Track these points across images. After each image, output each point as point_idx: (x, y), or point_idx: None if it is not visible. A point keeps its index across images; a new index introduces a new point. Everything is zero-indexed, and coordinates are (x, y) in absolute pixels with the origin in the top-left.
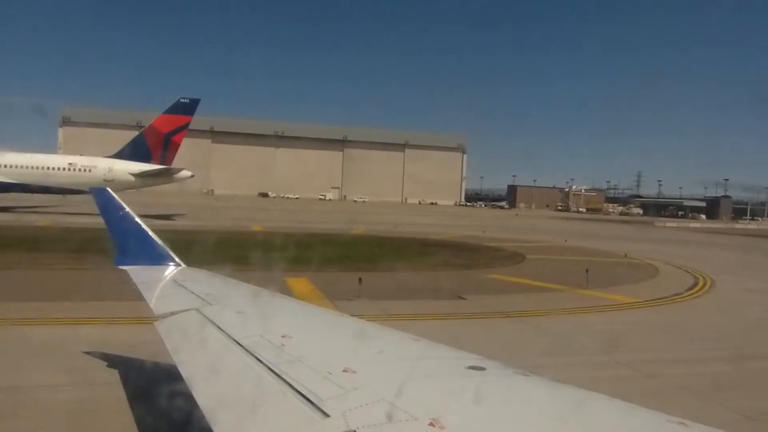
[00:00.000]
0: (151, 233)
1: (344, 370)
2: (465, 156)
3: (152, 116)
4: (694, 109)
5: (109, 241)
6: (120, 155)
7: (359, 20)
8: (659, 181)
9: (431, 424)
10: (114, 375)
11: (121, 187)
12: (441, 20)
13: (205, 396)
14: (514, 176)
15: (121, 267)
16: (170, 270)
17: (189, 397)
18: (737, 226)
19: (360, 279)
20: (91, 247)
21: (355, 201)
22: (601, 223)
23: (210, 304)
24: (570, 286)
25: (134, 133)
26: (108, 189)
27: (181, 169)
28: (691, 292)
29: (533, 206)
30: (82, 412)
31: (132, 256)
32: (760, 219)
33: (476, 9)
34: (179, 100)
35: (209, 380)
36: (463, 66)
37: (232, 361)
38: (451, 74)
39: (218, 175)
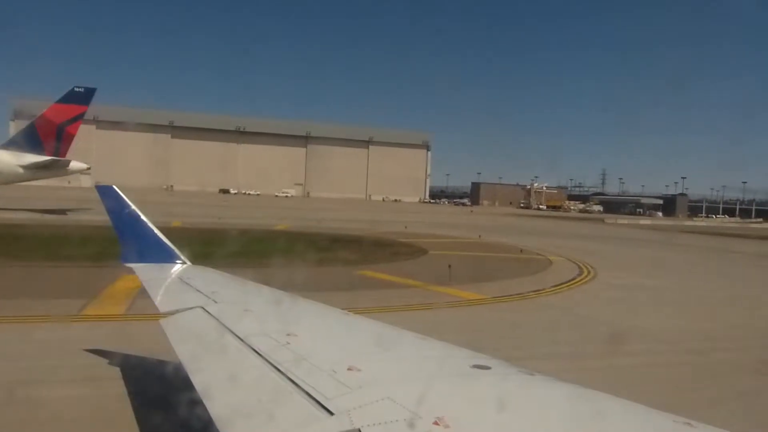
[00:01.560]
0: (157, 231)
1: (349, 369)
2: (429, 153)
3: (110, 109)
4: (658, 109)
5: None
6: (9, 145)
7: (323, 15)
8: (620, 179)
9: (436, 423)
10: (117, 372)
11: (9, 179)
12: (406, 16)
13: (209, 393)
14: (479, 173)
15: (127, 265)
16: (176, 268)
17: (193, 394)
18: (687, 223)
19: None
20: None
21: (310, 196)
22: (551, 219)
23: (215, 301)
24: (431, 282)
25: (91, 128)
26: (114, 187)
27: (70, 161)
28: (555, 288)
29: (497, 203)
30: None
31: (138, 254)
32: (714, 216)
33: (441, 5)
34: (73, 89)
35: (214, 378)
36: (429, 63)
37: (236, 358)
38: (416, 71)
39: (179, 171)
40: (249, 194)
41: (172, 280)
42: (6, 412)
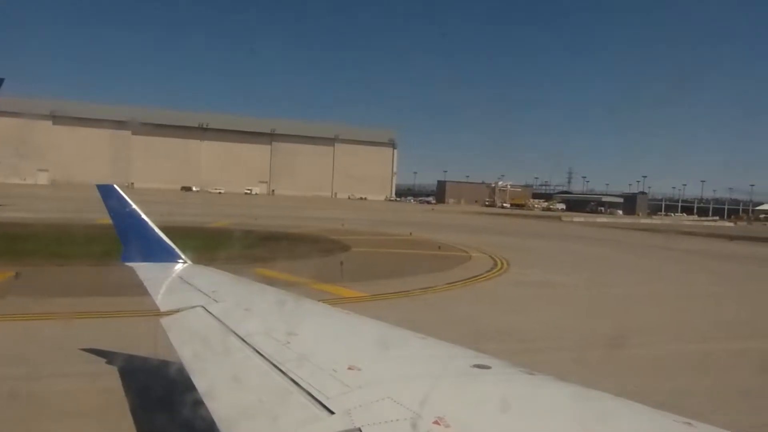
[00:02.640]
0: (157, 230)
1: (349, 368)
2: (396, 151)
3: (67, 105)
4: (622, 109)
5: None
6: None
7: (287, 11)
8: (584, 177)
9: (436, 423)
10: (114, 371)
11: None
12: (370, 13)
13: (210, 392)
14: (445, 172)
15: (127, 264)
16: (177, 267)
17: (194, 393)
18: (643, 221)
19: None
20: None
21: (275, 194)
22: (509, 217)
23: (216, 301)
24: (321, 280)
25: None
26: (114, 185)
27: None
28: (452, 284)
29: (462, 202)
30: None
31: (138, 253)
32: (673, 214)
33: (407, 2)
34: None
35: (214, 376)
36: (396, 61)
37: (236, 357)
38: (383, 69)
39: (140, 169)
40: (212, 192)
41: (173, 279)
42: None
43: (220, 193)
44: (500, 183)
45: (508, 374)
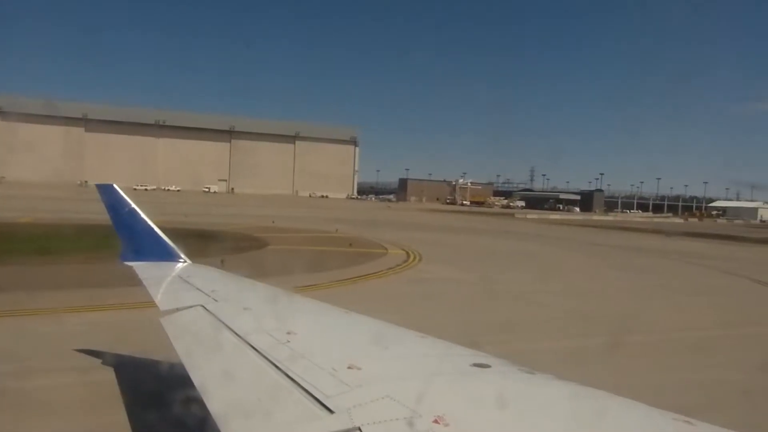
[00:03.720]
0: (156, 229)
1: (349, 367)
2: (357, 149)
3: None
4: (583, 108)
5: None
6: None
7: (246, 7)
8: (544, 175)
9: (436, 421)
10: (111, 370)
11: None
12: (332, 10)
13: (209, 391)
14: (407, 170)
15: (126, 263)
16: (176, 266)
17: (193, 392)
18: (595, 217)
19: None
20: None
21: (234, 192)
22: (463, 215)
23: (215, 300)
24: None
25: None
26: (113, 185)
27: None
28: (343, 281)
29: (424, 199)
30: None
31: (138, 252)
32: (628, 211)
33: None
34: None
35: (213, 375)
36: (360, 59)
37: (236, 356)
38: (346, 67)
39: (94, 166)
40: (169, 190)
41: (172, 278)
42: None
43: (178, 191)
44: (461, 181)
45: (508, 373)
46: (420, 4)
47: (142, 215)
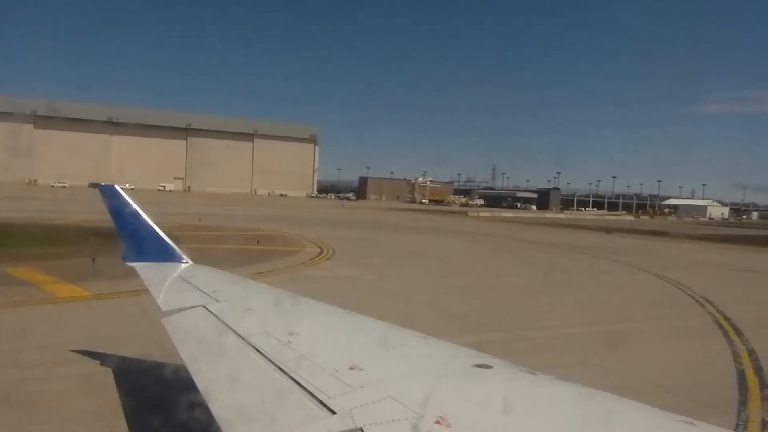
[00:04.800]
0: (158, 230)
1: (351, 368)
2: (317, 147)
3: None
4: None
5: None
6: None
7: (206, 4)
8: (503, 173)
9: (437, 422)
10: (114, 371)
11: None
12: (290, 6)
13: (211, 392)
14: (368, 168)
15: (128, 264)
16: (178, 267)
17: (195, 392)
18: (548, 215)
19: None
20: None
21: (191, 191)
22: (415, 213)
23: (217, 300)
24: (66, 277)
25: None
26: (115, 185)
27: None
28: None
29: (383, 198)
30: None
31: (139, 253)
32: (584, 209)
33: None
34: None
35: (215, 376)
36: (320, 57)
37: (238, 357)
38: (306, 65)
39: (45, 164)
40: (122, 189)
41: (173, 278)
42: None
43: (132, 189)
44: (420, 180)
45: (510, 374)
46: (377, 2)
47: (144, 216)
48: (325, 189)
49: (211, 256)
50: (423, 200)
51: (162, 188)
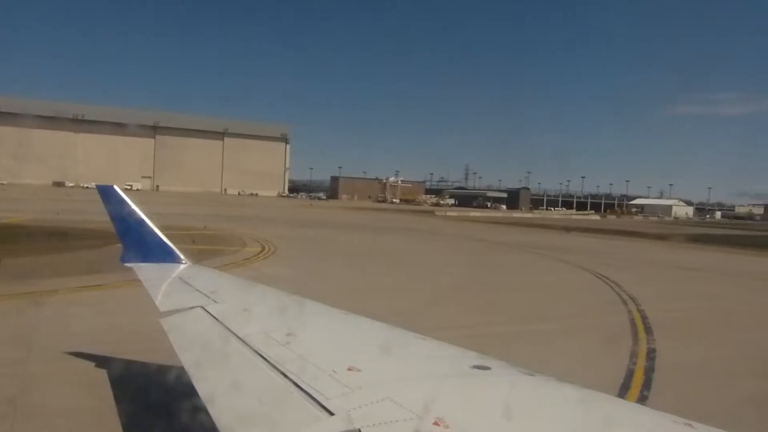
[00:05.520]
0: (157, 231)
1: (349, 369)
2: (288, 146)
3: None
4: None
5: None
6: None
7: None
8: (475, 173)
9: (436, 423)
10: (113, 373)
11: None
12: (262, 4)
13: (209, 393)
14: (340, 168)
15: (127, 264)
16: (176, 267)
17: (193, 394)
18: (515, 215)
19: None
20: None
21: (159, 190)
22: (382, 212)
23: (215, 301)
24: None
25: None
26: (114, 186)
27: None
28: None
29: (355, 197)
30: None
31: (138, 254)
32: (553, 209)
33: None
34: None
35: (213, 377)
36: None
37: (236, 357)
38: (277, 63)
39: (5, 163)
40: (87, 187)
41: (172, 279)
42: None
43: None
44: (392, 179)
45: (508, 375)
46: (348, 1)
47: (143, 217)
48: (297, 188)
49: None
50: (394, 200)
51: (129, 187)
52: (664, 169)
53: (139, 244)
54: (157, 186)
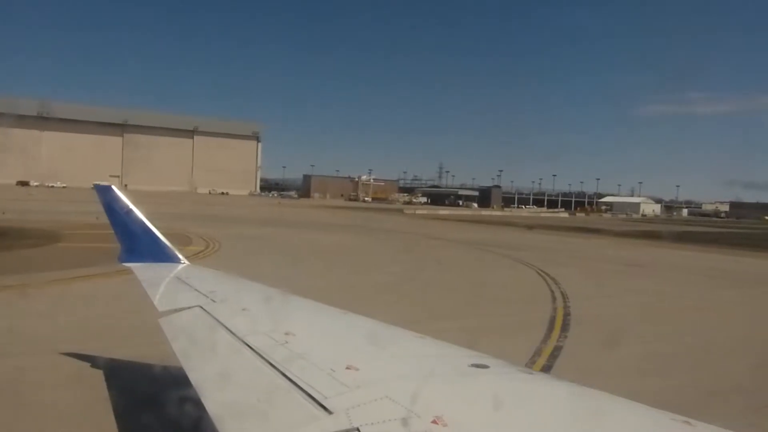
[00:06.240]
0: (155, 231)
1: (347, 368)
2: (260, 144)
3: None
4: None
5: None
6: None
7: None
8: (448, 171)
9: (434, 422)
10: (112, 373)
11: None
12: (235, 2)
13: (207, 392)
14: (313, 166)
15: (124, 264)
16: (174, 267)
17: (192, 392)
18: (484, 213)
19: None
20: None
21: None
22: (350, 210)
23: (214, 301)
24: None
25: None
26: (112, 186)
27: None
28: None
29: (327, 196)
30: None
31: (136, 254)
32: (524, 207)
33: None
34: None
35: (211, 376)
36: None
37: (234, 357)
38: (248, 60)
39: None
40: (53, 187)
41: (170, 279)
42: None
43: (64, 187)
44: (364, 178)
45: (506, 373)
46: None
47: (140, 216)
48: (269, 187)
49: (57, 255)
50: (366, 198)
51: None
52: (635, 167)
53: (136, 243)
54: (126, 185)
